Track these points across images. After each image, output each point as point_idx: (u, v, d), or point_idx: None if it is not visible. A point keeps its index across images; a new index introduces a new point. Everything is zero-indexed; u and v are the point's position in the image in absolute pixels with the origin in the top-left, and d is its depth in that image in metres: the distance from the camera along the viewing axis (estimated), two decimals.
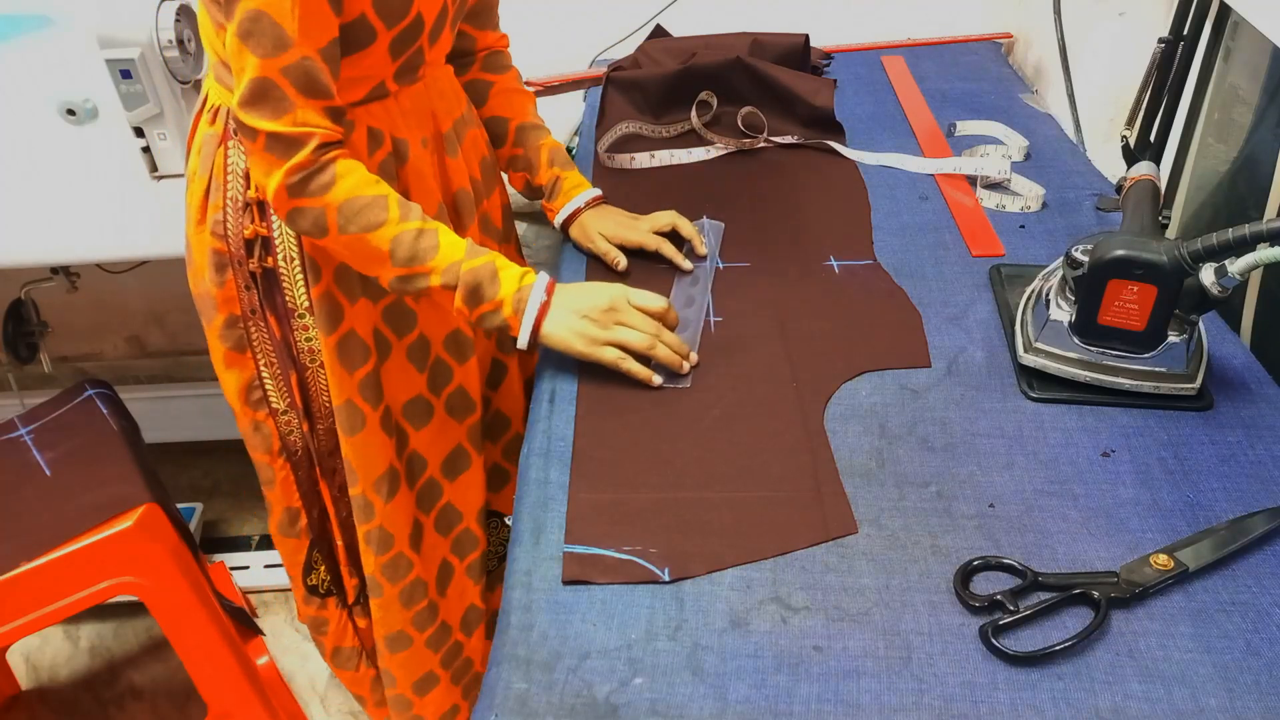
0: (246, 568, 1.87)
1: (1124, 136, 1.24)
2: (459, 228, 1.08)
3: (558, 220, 1.14)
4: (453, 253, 0.90)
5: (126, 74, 1.37)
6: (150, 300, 2.16)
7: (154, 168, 1.47)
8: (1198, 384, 0.87)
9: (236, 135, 0.95)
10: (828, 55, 1.61)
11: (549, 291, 0.92)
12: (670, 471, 0.83)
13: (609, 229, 1.10)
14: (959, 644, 0.68)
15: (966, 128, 1.36)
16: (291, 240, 0.97)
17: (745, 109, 1.34)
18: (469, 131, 1.08)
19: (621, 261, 1.08)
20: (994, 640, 0.68)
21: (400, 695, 1.25)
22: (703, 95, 1.35)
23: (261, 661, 1.46)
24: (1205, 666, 0.67)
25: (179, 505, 1.55)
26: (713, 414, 0.89)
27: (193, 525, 1.93)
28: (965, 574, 0.73)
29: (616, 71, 1.38)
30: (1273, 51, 1.07)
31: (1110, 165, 1.28)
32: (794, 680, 0.66)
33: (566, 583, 0.74)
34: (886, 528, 0.77)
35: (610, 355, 0.91)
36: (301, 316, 1.01)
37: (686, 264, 1.08)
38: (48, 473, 1.35)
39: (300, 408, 1.07)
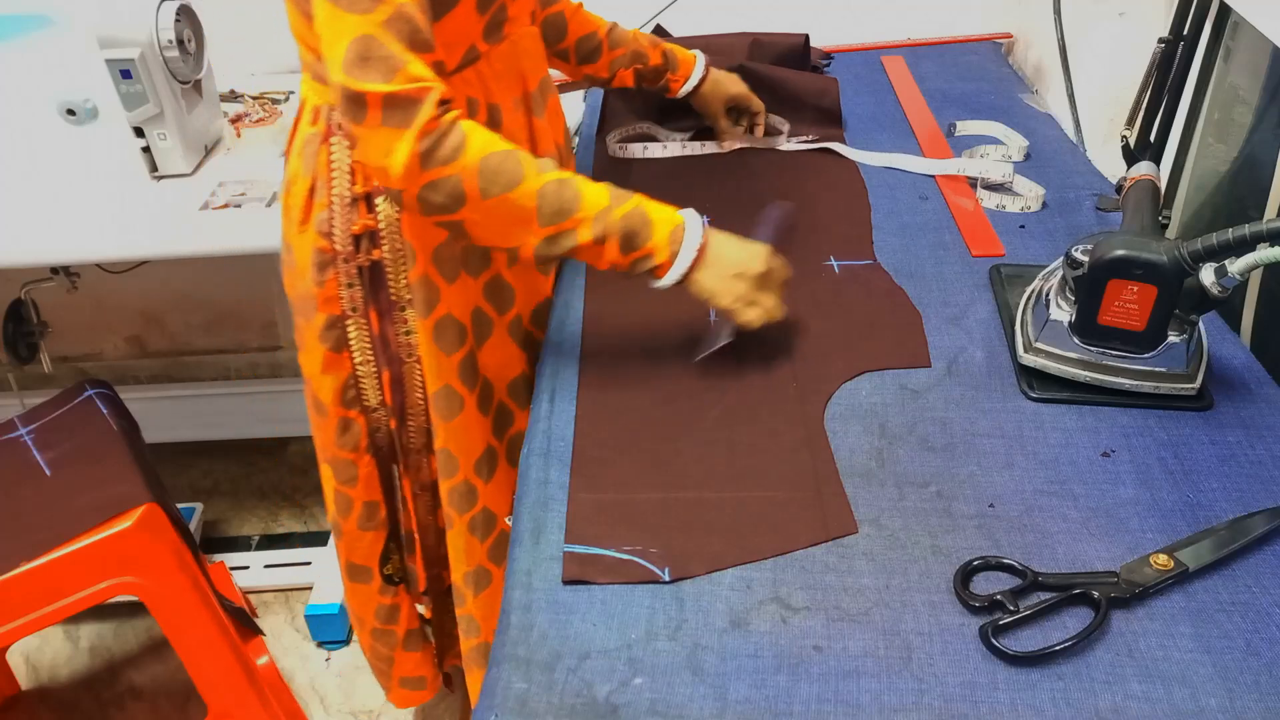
0: (246, 568, 1.87)
1: (1124, 136, 1.24)
2: None
3: (683, 90, 1.24)
4: (599, 199, 0.84)
5: (126, 74, 1.37)
6: (150, 300, 2.16)
7: (154, 168, 1.47)
8: (1198, 384, 0.87)
9: (340, 129, 0.93)
10: (828, 55, 1.61)
11: (704, 237, 0.88)
12: (670, 471, 0.83)
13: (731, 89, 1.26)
14: (959, 644, 0.68)
15: (966, 128, 1.36)
16: (397, 231, 0.97)
17: (773, 117, 1.34)
18: (551, 95, 1.09)
19: (727, 144, 1.28)
20: (994, 640, 0.68)
21: None
22: None
23: (261, 661, 1.46)
24: (1205, 666, 0.67)
25: (179, 505, 1.55)
26: (713, 414, 0.89)
27: (193, 525, 1.93)
28: (965, 574, 0.73)
29: None
30: (1273, 51, 1.07)
31: (1110, 165, 1.28)
32: (794, 680, 0.66)
33: (567, 583, 0.74)
34: (886, 528, 0.77)
35: (750, 318, 0.90)
36: (403, 309, 1.01)
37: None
38: (48, 473, 1.35)
39: (392, 404, 1.07)
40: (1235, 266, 0.80)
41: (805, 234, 1.14)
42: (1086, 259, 0.85)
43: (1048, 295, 0.91)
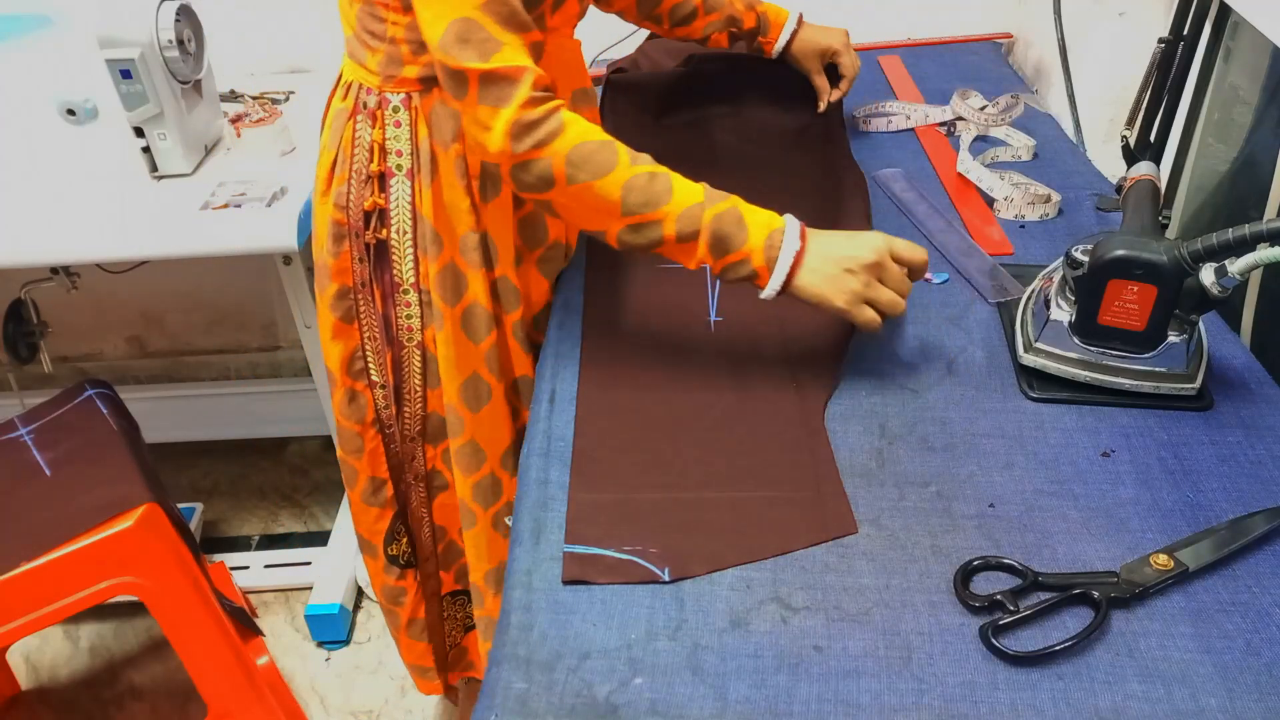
0: (246, 568, 1.87)
1: (1124, 136, 1.24)
2: None
3: (775, 50, 1.25)
4: (690, 196, 0.83)
5: (126, 74, 1.37)
6: (150, 300, 2.16)
7: (154, 168, 1.47)
8: (1198, 384, 0.87)
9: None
10: None
11: (803, 238, 0.84)
12: (670, 471, 0.83)
13: (824, 41, 1.25)
14: (959, 644, 0.68)
15: (968, 128, 1.36)
16: (406, 214, 1.00)
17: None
18: (585, 109, 1.10)
19: (823, 103, 1.26)
20: (994, 640, 0.68)
21: None
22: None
23: (261, 661, 1.46)
24: (1205, 666, 0.67)
25: (179, 505, 1.55)
26: (713, 414, 0.89)
27: (193, 525, 1.93)
28: (965, 574, 0.73)
29: (617, 74, 1.38)
30: (1273, 51, 1.07)
31: (1110, 165, 1.28)
32: (794, 680, 0.66)
33: (567, 583, 0.74)
34: (886, 528, 0.77)
35: (868, 316, 0.85)
36: (405, 293, 1.04)
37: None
38: (48, 473, 1.35)
39: (393, 386, 1.09)
40: (1235, 266, 0.80)
41: None
42: (1086, 259, 0.85)
43: (1048, 295, 0.91)
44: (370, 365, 1.10)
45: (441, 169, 0.98)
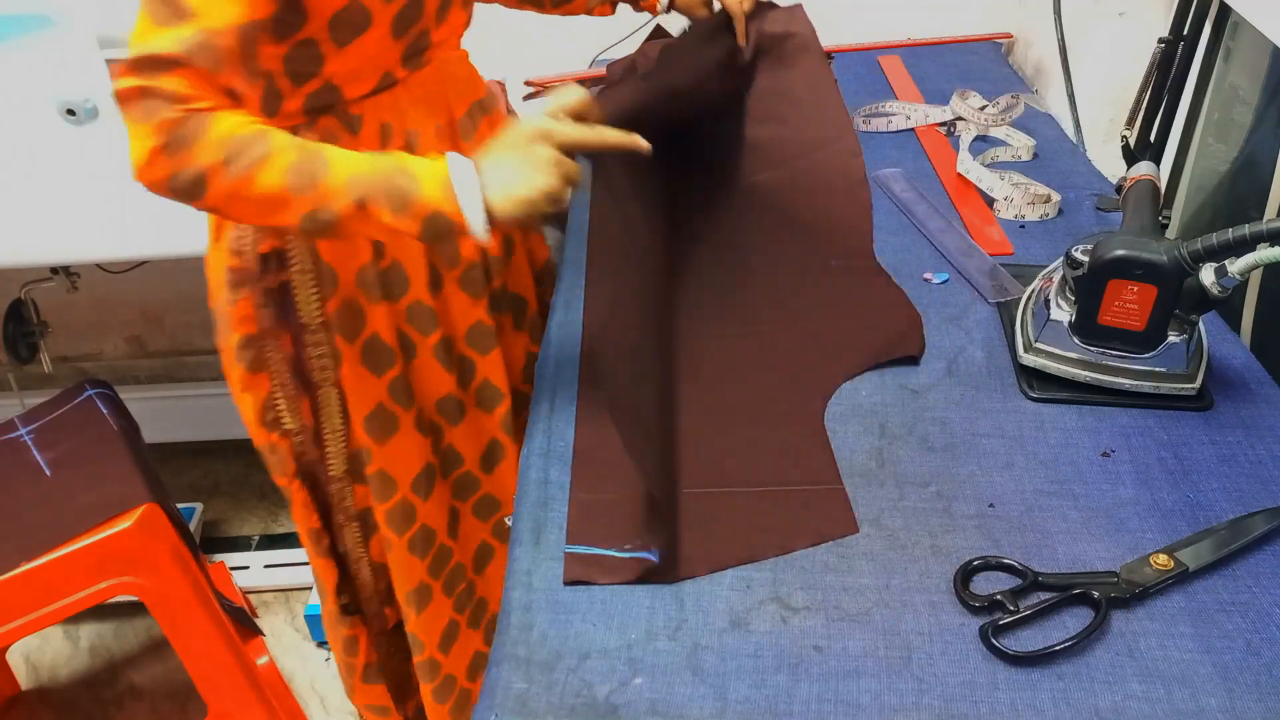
0: (246, 568, 1.87)
1: (1124, 136, 1.24)
2: None
3: (661, 4, 1.19)
4: (354, 163, 0.76)
5: None
6: (150, 300, 2.16)
7: None
8: (1198, 384, 0.87)
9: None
10: (828, 55, 1.61)
11: (477, 169, 0.77)
12: (670, 471, 0.83)
13: None
14: (959, 644, 0.68)
15: (967, 128, 1.36)
16: (307, 252, 0.96)
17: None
18: (485, 118, 1.07)
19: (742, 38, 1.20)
20: (994, 640, 0.68)
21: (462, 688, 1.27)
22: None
23: (261, 661, 1.46)
24: (1205, 666, 0.67)
25: (179, 505, 1.55)
26: (713, 414, 0.89)
27: (193, 525, 1.93)
28: (965, 574, 0.73)
29: (601, 93, 1.36)
30: (1273, 51, 1.07)
31: (1110, 165, 1.28)
32: (794, 680, 0.66)
33: (568, 583, 0.74)
34: (886, 528, 0.77)
35: (572, 169, 0.78)
36: (315, 333, 1.00)
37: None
38: (48, 473, 1.35)
39: (312, 429, 1.05)
40: (1235, 266, 0.80)
41: (805, 234, 1.14)
42: (1086, 259, 0.85)
43: (1048, 295, 0.91)
44: (282, 414, 1.04)
45: None
